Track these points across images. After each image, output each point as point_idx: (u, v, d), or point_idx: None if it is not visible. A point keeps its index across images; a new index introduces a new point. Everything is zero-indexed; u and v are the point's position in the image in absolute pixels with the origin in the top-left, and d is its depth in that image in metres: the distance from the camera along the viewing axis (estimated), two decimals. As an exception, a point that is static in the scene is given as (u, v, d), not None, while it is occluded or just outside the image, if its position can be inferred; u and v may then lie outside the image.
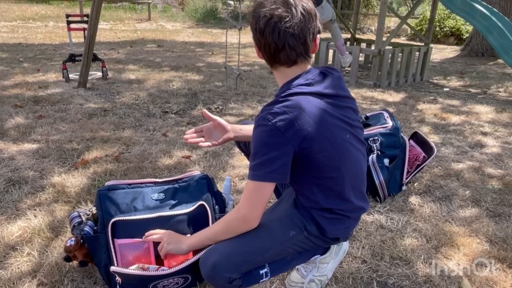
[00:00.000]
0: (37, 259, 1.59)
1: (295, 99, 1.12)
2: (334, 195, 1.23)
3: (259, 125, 1.11)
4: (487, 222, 1.99)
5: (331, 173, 1.19)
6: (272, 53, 1.15)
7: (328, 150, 1.15)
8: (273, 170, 1.11)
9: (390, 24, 11.40)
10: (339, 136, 1.18)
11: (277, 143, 1.09)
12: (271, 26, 1.10)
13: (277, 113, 1.09)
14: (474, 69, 6.75)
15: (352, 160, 1.23)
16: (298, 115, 1.10)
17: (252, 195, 1.15)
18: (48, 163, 2.41)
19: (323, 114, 1.14)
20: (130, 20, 13.08)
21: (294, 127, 1.09)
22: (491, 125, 3.58)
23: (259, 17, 1.12)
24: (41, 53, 6.36)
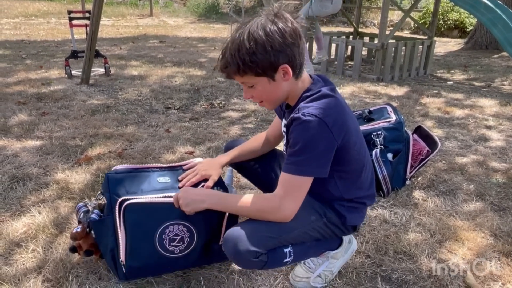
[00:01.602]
0: (41, 255, 1.59)
1: (328, 98, 1.19)
2: (355, 186, 1.32)
3: (305, 120, 1.12)
4: (492, 216, 1.98)
5: (356, 165, 1.29)
6: (302, 58, 1.20)
7: (358, 142, 1.26)
8: (321, 165, 1.17)
9: (393, 18, 11.32)
10: (359, 128, 1.32)
11: (325, 137, 1.13)
12: (296, 27, 1.18)
13: (322, 109, 1.14)
14: (478, 62, 6.71)
15: (367, 150, 1.36)
16: (339, 111, 1.18)
17: (296, 190, 1.18)
18: (52, 160, 2.42)
19: (348, 109, 1.26)
20: (132, 16, 13.06)
21: (338, 122, 1.15)
22: (495, 119, 3.56)
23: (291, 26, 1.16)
24: (43, 50, 6.36)
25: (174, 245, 1.40)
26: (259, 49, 1.11)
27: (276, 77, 1.18)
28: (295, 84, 1.24)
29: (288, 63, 1.15)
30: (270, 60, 1.13)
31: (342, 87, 4.52)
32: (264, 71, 1.15)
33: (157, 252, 1.38)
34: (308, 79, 1.28)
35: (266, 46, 1.11)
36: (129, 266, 1.38)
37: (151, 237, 1.36)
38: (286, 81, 1.19)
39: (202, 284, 1.48)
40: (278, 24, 1.12)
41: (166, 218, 1.36)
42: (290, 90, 1.25)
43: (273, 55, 1.12)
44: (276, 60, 1.13)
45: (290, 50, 1.14)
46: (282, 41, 1.12)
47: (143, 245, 1.38)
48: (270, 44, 1.11)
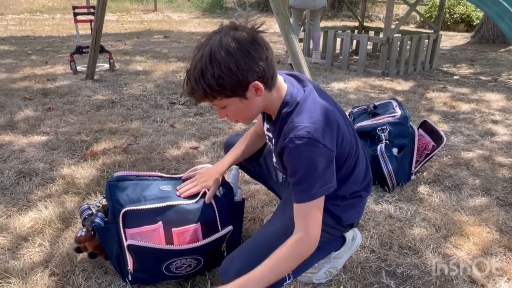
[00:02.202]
0: (48, 249, 1.61)
1: (307, 105, 1.14)
2: (349, 180, 1.28)
3: (296, 145, 1.07)
4: (498, 211, 1.97)
5: (350, 160, 1.25)
6: (274, 64, 1.15)
7: (349, 138, 1.21)
8: (327, 181, 1.12)
9: (398, 12, 11.23)
10: (345, 122, 1.24)
11: (321, 154, 1.08)
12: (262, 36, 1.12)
13: (306, 126, 1.08)
14: (485, 56, 6.65)
15: (358, 140, 1.30)
16: (322, 118, 1.11)
17: (313, 215, 1.11)
18: (58, 155, 2.43)
19: (331, 107, 1.18)
20: (136, 11, 13.05)
21: (326, 132, 1.10)
22: (501, 113, 3.53)
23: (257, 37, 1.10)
24: (48, 46, 6.38)
25: (181, 269, 1.40)
26: (224, 71, 1.02)
27: (247, 95, 1.10)
28: (269, 96, 1.16)
29: (258, 79, 1.07)
30: (238, 81, 1.05)
31: (347, 81, 4.51)
32: (233, 92, 1.08)
33: (163, 273, 1.39)
34: (283, 86, 1.19)
35: (231, 67, 1.02)
36: (135, 276, 1.39)
37: (157, 267, 1.37)
38: (259, 96, 1.12)
39: (207, 277, 1.49)
40: (240, 40, 1.03)
41: (173, 257, 1.35)
42: (265, 103, 1.18)
43: (240, 75, 1.04)
44: (244, 79, 1.05)
45: (257, 65, 1.05)
46: (247, 58, 1.03)
47: (150, 268, 1.38)
48: (235, 64, 1.02)
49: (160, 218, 1.35)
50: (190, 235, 1.38)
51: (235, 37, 1.04)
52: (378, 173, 2.09)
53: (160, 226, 1.36)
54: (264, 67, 1.07)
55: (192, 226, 1.39)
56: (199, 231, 1.40)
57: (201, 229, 1.40)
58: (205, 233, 1.40)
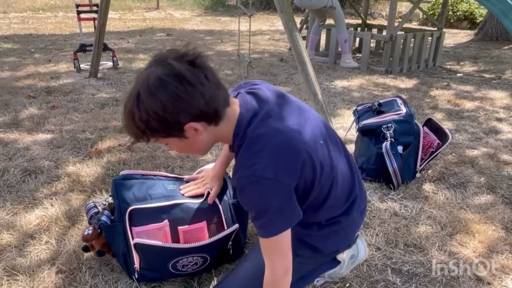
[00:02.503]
0: (55, 247, 1.62)
1: (258, 137, 0.99)
2: (325, 205, 1.14)
3: (246, 184, 0.96)
4: (503, 209, 1.97)
5: (324, 182, 1.09)
6: (219, 95, 0.98)
7: (315, 165, 1.04)
8: (287, 217, 1.01)
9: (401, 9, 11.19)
10: (316, 146, 1.06)
11: (273, 191, 0.96)
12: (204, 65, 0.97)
13: (254, 164, 0.96)
14: (488, 53, 6.62)
15: (335, 163, 1.12)
16: (275, 150, 0.97)
17: (276, 250, 1.03)
18: (63, 153, 2.44)
19: (293, 128, 1.03)
20: (138, 9, 13.04)
21: (280, 164, 0.97)
22: (506, 111, 3.52)
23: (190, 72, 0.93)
24: (52, 44, 6.39)
25: (188, 267, 1.41)
26: (152, 116, 0.92)
27: (187, 135, 0.98)
28: (217, 130, 1.02)
29: (193, 120, 0.95)
30: (169, 124, 0.94)
31: (350, 79, 4.50)
32: (168, 134, 0.97)
33: (170, 271, 1.40)
34: (234, 115, 1.03)
35: (158, 112, 0.91)
36: (142, 274, 1.40)
37: (164, 265, 1.37)
38: (201, 135, 1.00)
39: (213, 275, 1.49)
40: (166, 81, 0.91)
41: (179, 255, 1.36)
42: (214, 137, 1.06)
43: (171, 118, 0.93)
44: (176, 122, 0.94)
45: (190, 107, 0.93)
46: (175, 101, 0.91)
47: (156, 266, 1.39)
48: (162, 108, 0.91)
49: (166, 216, 1.36)
50: (196, 233, 1.39)
51: (161, 76, 0.91)
52: (383, 171, 2.09)
53: (166, 224, 1.36)
54: (199, 106, 0.93)
55: (198, 224, 1.39)
56: (205, 229, 1.40)
57: (207, 228, 1.40)
58: (211, 232, 1.41)
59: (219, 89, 0.97)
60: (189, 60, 0.93)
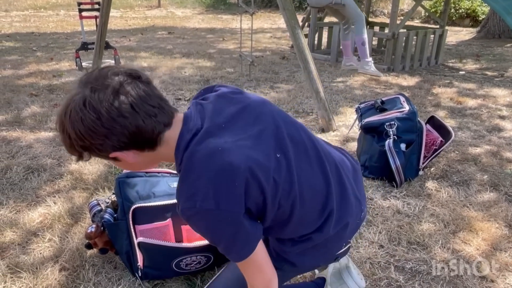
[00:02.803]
0: (58, 244, 1.62)
1: (194, 163, 0.89)
2: (291, 223, 1.01)
3: (190, 216, 0.88)
4: (506, 206, 1.96)
5: (278, 207, 0.96)
6: (155, 121, 0.88)
7: (263, 184, 0.90)
8: (245, 241, 0.92)
9: (403, 7, 11.16)
10: (267, 161, 0.92)
11: (219, 220, 0.88)
12: (133, 92, 0.86)
13: (193, 194, 0.86)
14: (491, 51, 6.60)
15: (297, 178, 0.97)
16: (214, 176, 0.86)
17: (252, 265, 0.97)
18: (65, 151, 2.44)
19: (230, 153, 0.89)
20: (140, 7, 13.04)
21: (221, 193, 0.86)
22: (509, 108, 3.51)
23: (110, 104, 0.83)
24: (53, 42, 6.39)
25: (191, 266, 1.41)
26: (76, 143, 0.86)
27: (118, 158, 0.91)
28: (155, 154, 0.93)
29: (117, 151, 0.88)
30: (95, 151, 0.89)
31: (352, 77, 4.49)
32: (98, 156, 0.91)
33: (173, 270, 1.40)
34: (174, 137, 0.92)
35: (79, 143, 0.86)
36: (145, 272, 1.40)
37: (167, 264, 1.38)
38: (132, 161, 0.92)
39: (216, 273, 1.49)
40: (85, 113, 0.82)
41: (183, 255, 1.36)
42: (155, 159, 0.97)
43: (95, 148, 0.87)
44: (101, 151, 0.88)
45: (110, 139, 0.85)
46: (95, 135, 0.84)
47: (160, 265, 1.39)
48: (81, 140, 0.85)
49: (169, 214, 1.36)
50: None
51: (80, 106, 0.83)
52: (386, 168, 2.09)
53: (169, 222, 1.36)
54: (121, 139, 0.85)
55: None
56: None
57: None
58: None
59: (154, 115, 0.87)
60: (118, 84, 0.84)
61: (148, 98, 0.87)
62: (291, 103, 3.48)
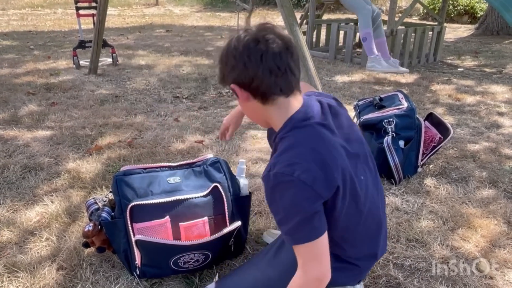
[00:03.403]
0: (55, 243, 1.61)
1: (310, 141, 0.97)
2: (344, 240, 1.10)
3: (279, 182, 0.93)
4: (505, 203, 1.96)
5: (347, 218, 1.05)
6: (273, 81, 0.98)
7: (350, 194, 1.02)
8: (315, 227, 0.96)
9: (402, 4, 11.14)
10: (357, 178, 1.05)
11: (307, 199, 0.93)
12: (270, 48, 0.96)
13: (296, 163, 0.93)
14: (489, 48, 6.59)
15: (368, 203, 1.09)
16: (320, 158, 0.95)
17: (309, 255, 0.99)
18: (63, 150, 2.43)
19: (339, 152, 1.00)
20: (137, 5, 13.00)
21: (320, 175, 0.93)
22: (507, 105, 3.50)
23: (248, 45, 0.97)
24: (51, 40, 6.37)
25: (189, 264, 1.40)
26: (219, 66, 1.04)
27: (235, 91, 1.03)
28: (264, 110, 1.03)
29: (234, 83, 1.00)
30: (223, 77, 1.04)
31: (351, 74, 4.48)
32: (223, 81, 1.06)
33: (171, 268, 1.39)
34: (292, 108, 1.03)
35: (223, 62, 1.02)
36: (143, 270, 1.39)
37: (165, 262, 1.37)
38: (247, 102, 1.03)
39: (214, 271, 1.48)
40: (236, 44, 0.98)
41: (181, 252, 1.35)
42: (263, 115, 1.06)
43: (224, 74, 1.03)
44: (224, 76, 1.03)
45: (237, 72, 0.98)
46: (231, 62, 0.99)
47: (158, 263, 1.38)
48: (225, 60, 1.01)
49: (167, 212, 1.35)
50: (197, 229, 1.38)
51: (241, 37, 0.98)
52: (384, 165, 2.08)
53: (167, 220, 1.35)
54: (241, 76, 0.98)
55: (200, 220, 1.39)
56: (207, 225, 1.40)
57: (209, 223, 1.40)
58: (213, 227, 1.40)
59: (275, 75, 0.97)
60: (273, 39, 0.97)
61: (279, 60, 0.96)
62: (290, 101, 3.47)
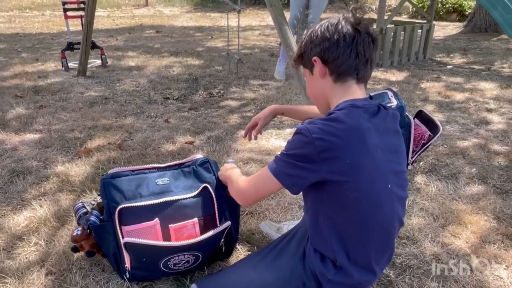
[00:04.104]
0: (44, 248, 1.59)
1: (349, 125, 1.00)
2: (353, 245, 1.09)
3: (300, 132, 1.01)
4: (494, 199, 1.98)
5: (356, 219, 1.06)
6: (355, 64, 1.08)
7: (363, 193, 1.02)
8: (289, 175, 1.04)
9: (391, 2, 11.21)
10: (381, 181, 1.05)
11: (307, 157, 1.00)
12: (363, 35, 1.08)
13: (322, 130, 0.99)
14: (478, 45, 6.65)
15: (384, 216, 1.08)
16: (344, 142, 0.99)
17: (259, 181, 1.12)
18: (51, 153, 2.40)
19: (373, 150, 1.02)
20: (127, 6, 12.92)
21: (332, 152, 0.98)
22: (496, 102, 3.54)
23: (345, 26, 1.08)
24: (39, 43, 6.30)
25: (179, 265, 1.39)
26: (307, 39, 1.13)
27: (314, 71, 1.13)
28: (332, 89, 1.11)
29: (318, 56, 1.09)
30: (307, 50, 1.13)
31: (341, 73, 4.48)
32: (306, 62, 1.15)
33: (161, 270, 1.38)
34: (357, 94, 1.09)
35: (312, 37, 1.11)
36: (133, 273, 1.38)
37: (155, 264, 1.35)
38: (321, 78, 1.11)
39: (205, 272, 1.48)
40: (335, 23, 1.09)
41: (170, 254, 1.33)
42: (327, 93, 1.13)
43: (310, 47, 1.12)
44: (311, 51, 1.12)
45: (326, 46, 1.08)
46: (324, 36, 1.09)
47: (147, 266, 1.37)
48: (315, 35, 1.11)
49: (156, 214, 1.34)
50: (187, 230, 1.37)
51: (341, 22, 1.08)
52: (375, 164, 2.08)
53: (157, 222, 1.34)
54: (332, 50, 1.07)
55: (189, 221, 1.37)
56: (197, 226, 1.38)
57: (199, 224, 1.39)
58: (203, 228, 1.39)
59: (362, 62, 1.08)
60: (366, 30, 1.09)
61: (367, 48, 1.08)
62: (280, 100, 3.47)
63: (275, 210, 1.89)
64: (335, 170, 0.99)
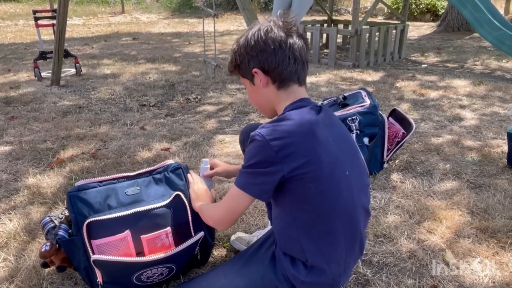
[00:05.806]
0: (13, 263, 1.54)
1: (298, 121, 1.04)
2: (322, 239, 1.10)
3: (254, 139, 1.04)
4: (468, 194, 2.00)
5: (321, 211, 1.07)
6: (295, 69, 1.10)
7: (323, 183, 1.05)
8: (255, 184, 1.06)
9: (367, 4, 11.37)
10: (339, 169, 1.08)
11: (267, 161, 1.02)
12: (294, 40, 1.10)
13: (274, 131, 1.03)
14: (451, 44, 6.80)
15: (347, 203, 1.10)
16: (296, 137, 1.03)
17: (230, 201, 1.13)
18: (22, 165, 2.34)
19: (325, 141, 1.06)
20: (103, 14, 12.76)
21: (289, 149, 1.01)
22: (468, 98, 3.61)
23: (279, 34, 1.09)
24: (11, 53, 6.15)
25: (153, 278, 1.36)
26: (241, 50, 1.12)
27: (255, 81, 1.14)
28: (276, 95, 1.13)
29: (258, 67, 1.10)
30: (244, 61, 1.13)
31: (318, 75, 4.52)
32: (244, 73, 1.15)
33: (135, 284, 1.34)
34: (301, 94, 1.14)
35: (247, 48, 1.11)
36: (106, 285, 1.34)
37: (127, 278, 1.32)
38: (264, 87, 1.13)
39: (181, 281, 1.45)
40: (267, 30, 1.09)
41: (143, 268, 1.30)
42: (272, 100, 1.15)
43: (247, 59, 1.12)
44: (248, 62, 1.12)
45: (264, 57, 1.09)
46: (260, 47, 1.09)
47: (120, 280, 1.33)
48: (249, 47, 1.10)
49: (127, 226, 1.30)
50: (161, 241, 1.33)
51: (268, 28, 1.10)
52: (350, 163, 2.09)
53: (128, 234, 1.30)
54: (271, 60, 1.09)
55: (162, 231, 1.34)
56: (170, 236, 1.35)
57: (172, 233, 1.35)
58: (176, 238, 1.35)
59: (301, 66, 1.12)
60: (296, 33, 1.12)
61: (303, 52, 1.11)
62: (258, 104, 3.46)
63: (253, 214, 1.87)
64: (294, 166, 1.02)
